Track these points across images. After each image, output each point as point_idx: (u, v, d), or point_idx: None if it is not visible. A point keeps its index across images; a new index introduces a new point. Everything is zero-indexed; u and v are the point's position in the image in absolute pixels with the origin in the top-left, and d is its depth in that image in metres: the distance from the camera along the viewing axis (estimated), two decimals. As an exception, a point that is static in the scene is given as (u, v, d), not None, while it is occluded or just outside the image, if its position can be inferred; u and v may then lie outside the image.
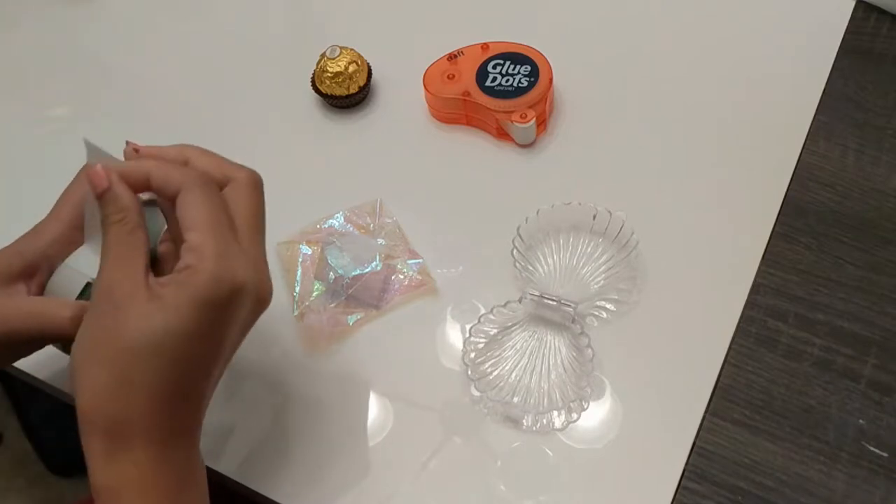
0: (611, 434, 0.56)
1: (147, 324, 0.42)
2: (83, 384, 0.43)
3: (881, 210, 0.63)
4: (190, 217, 0.44)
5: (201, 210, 0.44)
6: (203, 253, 0.43)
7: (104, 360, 0.43)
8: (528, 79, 0.68)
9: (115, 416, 0.42)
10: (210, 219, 0.44)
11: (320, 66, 0.71)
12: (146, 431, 0.43)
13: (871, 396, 0.56)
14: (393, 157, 0.70)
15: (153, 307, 0.42)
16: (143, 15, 0.83)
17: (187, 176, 0.45)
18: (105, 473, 0.43)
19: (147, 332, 0.42)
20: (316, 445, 0.57)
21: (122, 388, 0.42)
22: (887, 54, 0.71)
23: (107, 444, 0.43)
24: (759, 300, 0.60)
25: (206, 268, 0.43)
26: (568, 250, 0.62)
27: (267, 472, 0.56)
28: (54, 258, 0.51)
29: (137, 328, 0.42)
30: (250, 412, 0.58)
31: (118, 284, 0.43)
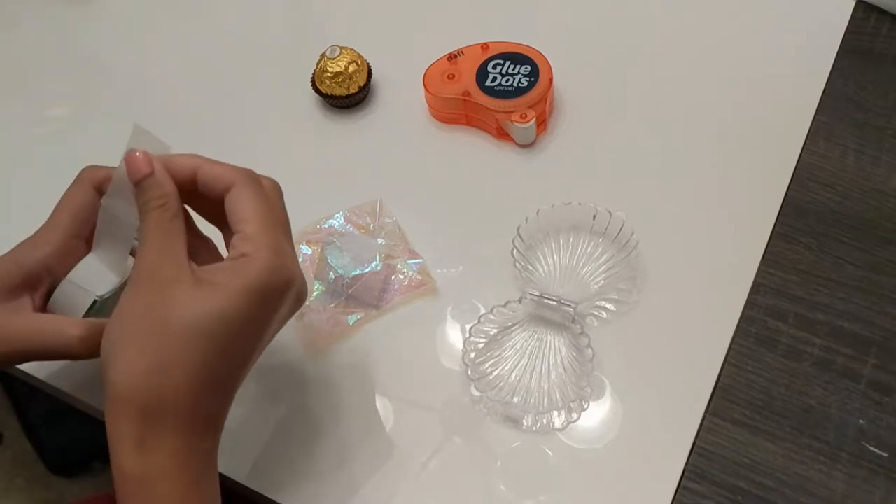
0: (611, 434, 0.56)
1: (197, 307, 0.43)
2: (120, 364, 0.43)
3: (881, 210, 0.63)
4: (245, 209, 0.46)
5: (256, 204, 0.46)
6: (259, 243, 0.45)
7: (146, 341, 0.43)
8: (528, 79, 0.68)
9: (152, 398, 0.42)
10: (264, 213, 0.46)
11: (320, 66, 0.71)
12: (180, 417, 0.43)
13: (871, 396, 0.56)
14: (393, 157, 0.70)
15: (203, 292, 0.43)
16: (143, 15, 0.83)
17: (238, 173, 0.47)
18: (133, 460, 0.43)
19: (197, 314, 0.42)
20: (315, 445, 0.57)
21: (163, 370, 0.42)
22: (887, 54, 0.71)
23: (139, 429, 0.42)
24: (759, 300, 0.60)
25: (263, 257, 0.44)
26: (568, 250, 0.62)
27: (266, 472, 0.56)
28: (55, 269, 0.51)
29: (187, 311, 0.43)
30: (249, 412, 0.58)
31: (162, 267, 0.44)
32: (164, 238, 0.45)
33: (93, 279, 0.51)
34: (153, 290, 0.44)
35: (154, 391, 0.42)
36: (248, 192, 0.46)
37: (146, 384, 0.42)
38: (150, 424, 0.42)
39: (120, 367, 0.43)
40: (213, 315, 0.43)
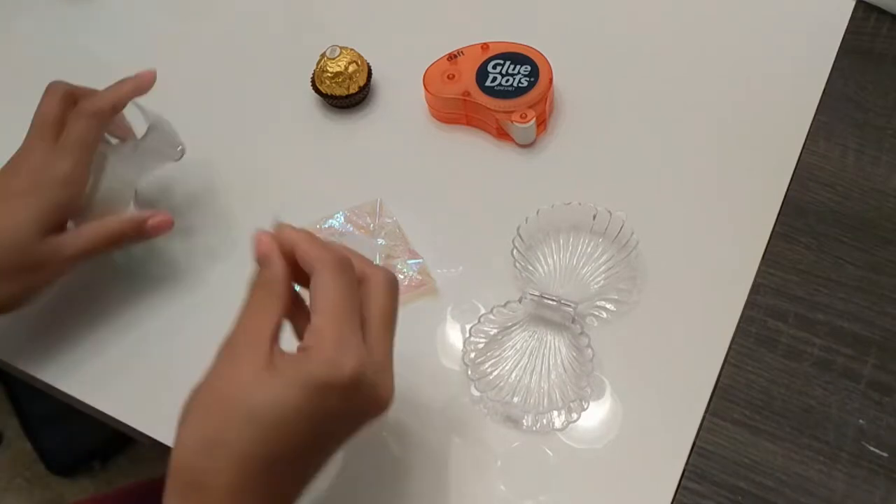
0: (611, 434, 0.56)
1: (257, 392, 0.42)
2: (181, 433, 0.43)
3: (881, 210, 0.63)
4: (318, 299, 0.44)
5: (329, 294, 0.44)
6: (323, 337, 0.43)
7: (206, 414, 0.43)
8: (528, 79, 0.68)
9: (196, 478, 0.42)
10: (336, 304, 0.44)
11: (320, 66, 0.71)
12: (219, 501, 0.42)
13: (871, 396, 0.56)
14: (393, 157, 0.70)
15: (268, 378, 0.43)
16: (143, 15, 0.83)
17: (325, 257, 0.45)
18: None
19: (254, 399, 0.42)
20: (316, 445, 0.57)
21: (210, 450, 0.42)
22: (887, 54, 0.71)
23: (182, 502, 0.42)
24: (759, 300, 0.60)
25: (323, 351, 0.43)
26: (568, 250, 0.62)
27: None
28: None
29: (246, 393, 0.42)
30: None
31: (241, 341, 0.44)
32: (256, 314, 0.45)
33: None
34: (227, 364, 0.44)
35: (199, 472, 0.42)
36: (324, 281, 0.45)
37: (193, 462, 0.42)
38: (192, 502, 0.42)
39: (182, 435, 0.43)
40: (268, 403, 0.42)
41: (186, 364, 0.61)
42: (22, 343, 0.63)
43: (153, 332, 0.63)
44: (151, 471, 1.37)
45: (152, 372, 0.61)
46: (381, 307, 0.47)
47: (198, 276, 0.65)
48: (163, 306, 0.64)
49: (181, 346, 0.62)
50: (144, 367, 0.61)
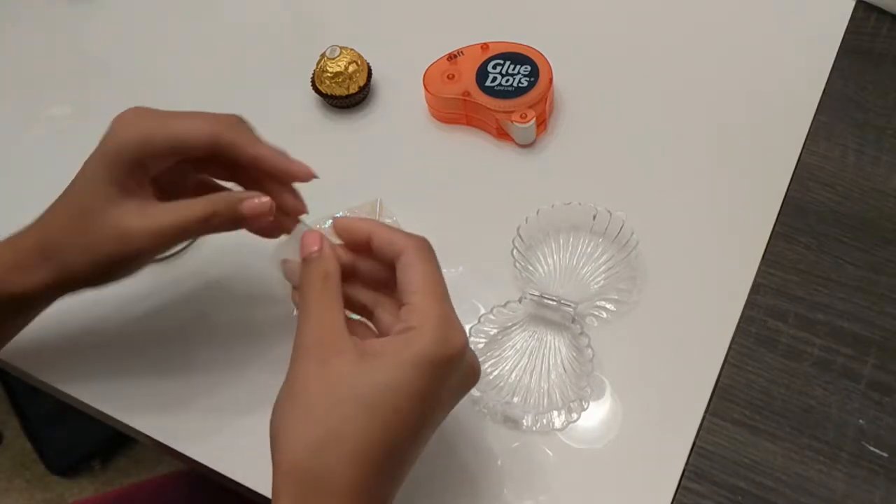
0: (611, 434, 0.56)
1: (365, 379, 0.42)
2: (284, 439, 0.42)
3: (881, 210, 0.63)
4: (414, 280, 0.45)
5: (426, 274, 0.46)
6: (428, 314, 0.44)
7: (312, 415, 0.42)
8: (528, 79, 0.68)
9: (315, 473, 0.41)
10: (434, 283, 0.46)
11: (320, 66, 0.71)
12: (345, 498, 0.41)
13: (871, 396, 0.56)
14: (393, 157, 0.70)
15: (370, 364, 0.43)
16: (143, 15, 0.83)
17: (410, 241, 0.47)
18: None
19: (365, 387, 0.42)
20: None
21: (327, 446, 0.41)
22: (887, 54, 0.71)
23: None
24: (759, 300, 0.60)
25: (432, 328, 0.43)
26: (568, 250, 0.62)
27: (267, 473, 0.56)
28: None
29: (353, 383, 0.42)
30: (251, 413, 0.58)
31: (325, 338, 0.44)
32: (325, 311, 0.45)
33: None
34: (318, 361, 0.43)
35: (317, 470, 0.41)
36: (419, 262, 0.46)
37: (309, 463, 0.41)
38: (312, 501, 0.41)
39: (286, 440, 0.42)
40: (381, 388, 0.42)
41: (187, 364, 0.61)
42: (22, 343, 0.63)
43: (153, 332, 0.63)
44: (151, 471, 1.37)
45: (152, 372, 0.61)
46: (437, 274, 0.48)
47: (199, 276, 0.65)
48: (163, 306, 0.64)
49: (182, 347, 0.62)
50: (144, 367, 0.61)
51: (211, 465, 0.57)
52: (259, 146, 0.52)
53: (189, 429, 0.58)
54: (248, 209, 0.50)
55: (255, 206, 0.50)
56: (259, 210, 0.50)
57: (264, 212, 0.50)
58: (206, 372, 0.60)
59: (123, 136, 0.51)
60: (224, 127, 0.51)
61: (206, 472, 0.57)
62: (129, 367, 0.61)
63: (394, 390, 0.42)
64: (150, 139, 0.51)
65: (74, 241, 0.50)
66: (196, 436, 0.58)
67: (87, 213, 0.50)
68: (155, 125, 0.51)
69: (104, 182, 0.49)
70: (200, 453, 0.57)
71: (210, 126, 0.51)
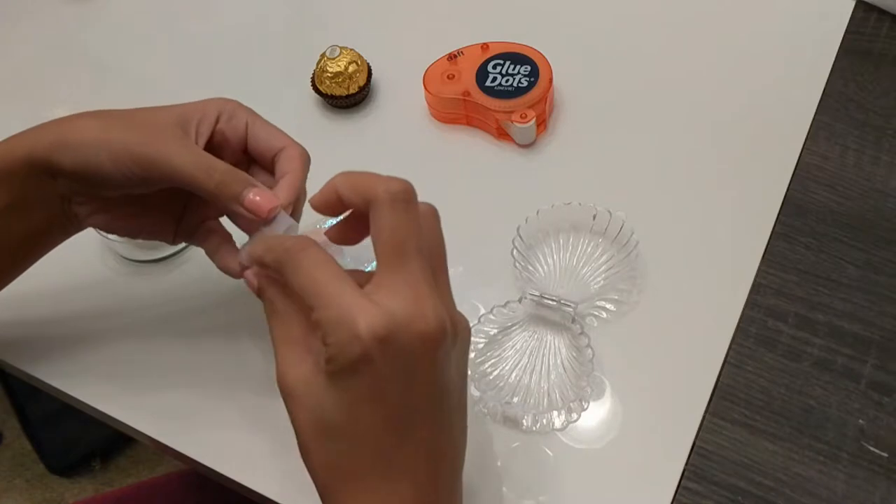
0: (611, 434, 0.56)
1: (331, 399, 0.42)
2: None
3: (881, 210, 0.63)
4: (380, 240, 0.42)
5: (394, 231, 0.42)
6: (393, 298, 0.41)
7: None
8: (528, 79, 0.68)
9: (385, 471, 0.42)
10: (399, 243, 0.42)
11: (320, 66, 0.71)
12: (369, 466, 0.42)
13: (871, 396, 0.56)
14: (393, 157, 0.70)
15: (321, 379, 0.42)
16: (143, 15, 0.83)
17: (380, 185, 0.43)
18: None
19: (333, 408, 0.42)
20: (316, 445, 0.57)
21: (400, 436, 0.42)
22: (887, 54, 0.71)
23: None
24: (759, 300, 0.60)
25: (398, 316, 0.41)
26: (568, 250, 0.62)
27: (267, 473, 0.56)
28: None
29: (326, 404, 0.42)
30: (251, 415, 0.58)
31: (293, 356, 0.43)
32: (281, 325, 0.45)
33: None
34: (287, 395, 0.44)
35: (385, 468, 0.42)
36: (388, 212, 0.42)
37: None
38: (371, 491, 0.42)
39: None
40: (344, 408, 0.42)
41: (187, 364, 0.61)
42: (22, 343, 0.63)
43: (153, 332, 0.63)
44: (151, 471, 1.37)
45: (152, 372, 0.61)
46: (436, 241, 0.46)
47: (199, 276, 0.65)
48: (163, 306, 0.64)
49: (182, 347, 0.62)
50: (144, 367, 0.61)
51: (211, 465, 0.57)
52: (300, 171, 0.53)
53: (189, 429, 0.58)
54: (250, 200, 0.49)
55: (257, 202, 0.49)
56: (258, 207, 0.49)
57: (262, 210, 0.49)
58: (207, 372, 0.60)
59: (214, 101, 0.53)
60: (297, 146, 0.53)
61: (206, 472, 0.57)
62: (128, 367, 0.61)
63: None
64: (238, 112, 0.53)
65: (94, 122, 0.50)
66: (196, 436, 0.58)
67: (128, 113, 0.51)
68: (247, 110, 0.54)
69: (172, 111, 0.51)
70: (200, 453, 0.57)
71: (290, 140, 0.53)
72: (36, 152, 0.49)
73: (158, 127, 0.50)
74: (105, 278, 0.66)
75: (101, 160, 0.48)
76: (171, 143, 0.49)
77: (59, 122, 0.51)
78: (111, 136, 0.49)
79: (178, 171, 0.48)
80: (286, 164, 0.52)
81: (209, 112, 0.52)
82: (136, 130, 0.49)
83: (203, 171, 0.48)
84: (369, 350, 0.39)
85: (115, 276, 0.66)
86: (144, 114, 0.51)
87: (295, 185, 0.51)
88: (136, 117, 0.51)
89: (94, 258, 0.66)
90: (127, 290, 0.65)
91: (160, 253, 0.66)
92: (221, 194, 0.49)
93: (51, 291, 0.64)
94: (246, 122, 0.53)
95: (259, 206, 0.49)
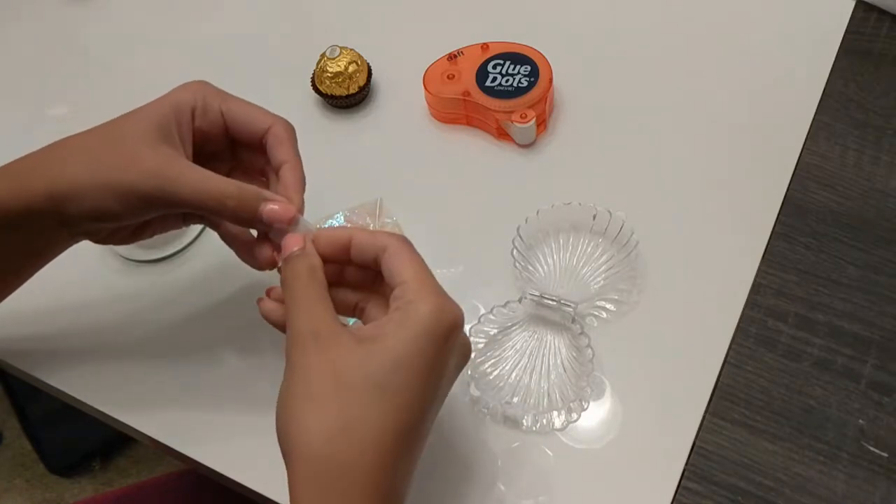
0: (611, 434, 0.56)
1: (371, 361, 0.42)
2: (297, 433, 0.42)
3: (881, 210, 0.63)
4: (404, 264, 0.46)
5: (412, 262, 0.46)
6: (422, 289, 0.44)
7: (323, 405, 0.42)
8: (528, 79, 0.68)
9: (334, 462, 0.41)
10: (423, 267, 0.46)
11: (320, 66, 0.71)
12: (367, 486, 0.41)
13: (871, 396, 0.56)
14: (393, 157, 0.70)
15: (373, 346, 0.43)
16: (143, 15, 0.83)
17: (392, 237, 0.47)
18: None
19: (372, 369, 0.42)
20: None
21: (344, 432, 0.41)
22: (887, 54, 0.71)
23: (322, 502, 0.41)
24: (759, 300, 0.60)
25: (429, 300, 0.44)
26: (568, 250, 0.62)
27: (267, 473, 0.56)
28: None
29: (360, 367, 0.42)
30: (251, 413, 0.58)
31: (320, 327, 0.44)
32: (314, 303, 0.45)
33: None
34: (318, 351, 0.43)
35: (335, 459, 0.41)
36: (405, 252, 0.46)
37: (325, 452, 0.41)
38: (334, 498, 0.41)
39: (298, 435, 0.42)
40: (388, 367, 0.42)
41: (187, 364, 0.61)
42: (22, 343, 0.63)
43: (154, 332, 0.63)
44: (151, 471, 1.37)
45: (152, 372, 0.61)
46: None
47: (199, 276, 0.65)
48: (163, 306, 0.64)
49: (182, 347, 0.62)
50: (144, 367, 0.61)
51: (211, 465, 0.57)
52: (296, 156, 0.53)
53: (189, 429, 0.58)
54: (268, 212, 0.49)
55: (275, 212, 0.49)
56: (278, 217, 0.49)
57: (282, 220, 0.49)
58: (207, 372, 0.60)
59: (187, 90, 0.51)
60: (281, 122, 0.53)
61: (206, 472, 0.57)
62: (128, 367, 0.61)
63: (402, 367, 0.42)
64: (210, 101, 0.51)
65: (86, 158, 0.48)
66: (196, 436, 0.58)
67: (116, 139, 0.49)
68: (218, 94, 0.52)
69: (149, 121, 0.49)
70: (200, 453, 0.57)
71: (271, 117, 0.53)
72: (35, 205, 0.48)
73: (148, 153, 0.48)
74: (105, 278, 0.66)
75: (108, 204, 0.48)
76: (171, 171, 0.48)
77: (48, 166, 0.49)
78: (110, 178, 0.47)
79: (188, 203, 0.48)
80: (279, 152, 0.52)
81: (183, 112, 0.51)
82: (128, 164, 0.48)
83: (215, 201, 0.48)
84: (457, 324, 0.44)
85: (115, 276, 0.66)
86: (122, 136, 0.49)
87: (298, 178, 0.52)
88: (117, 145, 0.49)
89: (94, 258, 0.66)
90: (127, 290, 0.65)
91: (160, 253, 0.66)
92: (239, 218, 0.49)
93: (51, 292, 0.64)
94: (220, 111, 0.52)
95: (279, 216, 0.49)
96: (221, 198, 0.48)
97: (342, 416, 0.41)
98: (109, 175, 0.47)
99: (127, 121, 0.50)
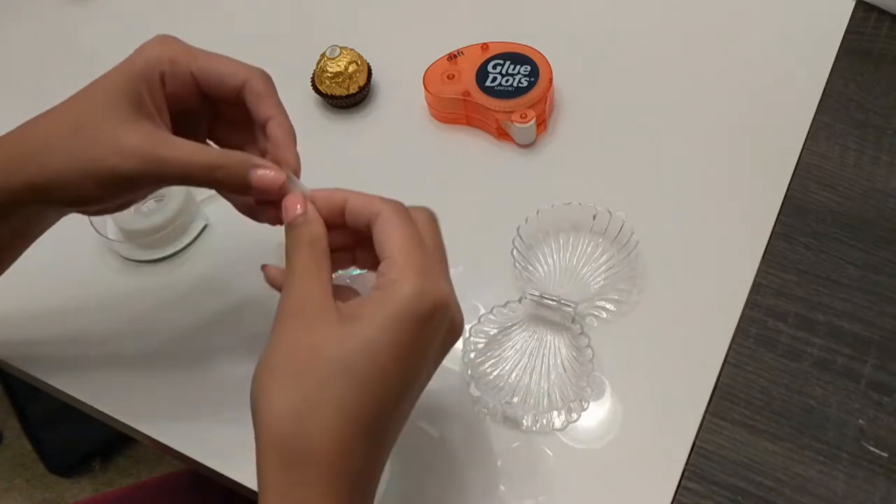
0: (611, 434, 0.56)
1: (344, 342, 0.41)
2: (265, 407, 0.42)
3: (881, 210, 0.63)
4: (393, 236, 0.44)
5: (403, 231, 0.44)
6: (406, 266, 0.43)
7: (292, 381, 0.41)
8: (528, 79, 0.68)
9: (296, 441, 0.40)
10: (410, 238, 0.44)
11: (320, 66, 0.71)
12: (328, 466, 0.40)
13: (871, 396, 0.56)
14: (393, 157, 0.70)
15: (350, 327, 0.42)
16: (143, 14, 0.83)
17: (386, 202, 0.46)
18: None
19: (343, 351, 0.41)
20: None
21: (307, 413, 0.40)
22: (887, 54, 0.71)
23: (283, 480, 0.40)
24: (759, 300, 0.60)
25: (410, 279, 0.42)
26: (568, 250, 0.62)
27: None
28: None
29: (332, 348, 0.41)
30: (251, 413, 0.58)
31: (308, 303, 0.43)
32: (311, 279, 0.44)
33: None
34: (299, 326, 0.42)
35: (297, 438, 0.40)
36: (396, 221, 0.45)
37: (289, 430, 0.41)
38: (295, 471, 0.40)
39: (267, 408, 0.41)
40: (359, 348, 0.41)
41: (187, 364, 0.61)
42: (22, 343, 0.63)
43: (154, 332, 0.63)
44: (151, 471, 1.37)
45: (152, 372, 0.61)
46: (433, 239, 0.47)
47: (199, 276, 0.65)
48: (163, 306, 0.64)
49: (182, 347, 0.62)
50: (144, 367, 0.61)
51: (211, 465, 0.57)
52: (279, 108, 0.50)
53: (189, 429, 0.58)
54: (257, 179, 0.47)
55: (265, 178, 0.47)
56: (267, 184, 0.47)
57: (272, 188, 0.47)
58: (207, 372, 0.60)
59: (151, 54, 0.49)
60: (257, 76, 0.50)
61: (206, 472, 0.57)
62: (128, 367, 0.61)
63: (373, 349, 0.41)
64: (177, 62, 0.49)
65: (63, 145, 0.46)
66: (196, 436, 0.58)
67: (90, 120, 0.47)
68: (185, 52, 0.49)
69: (119, 94, 0.47)
70: (200, 453, 0.57)
71: (245, 70, 0.50)
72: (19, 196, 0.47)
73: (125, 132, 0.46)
74: (105, 278, 0.66)
75: (91, 191, 0.46)
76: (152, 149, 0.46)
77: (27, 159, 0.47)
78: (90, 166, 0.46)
79: (174, 179, 0.47)
80: (260, 108, 0.50)
81: (152, 79, 0.48)
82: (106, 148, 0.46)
83: (203, 173, 0.47)
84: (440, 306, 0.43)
85: (115, 276, 0.66)
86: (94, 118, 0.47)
87: (287, 132, 0.50)
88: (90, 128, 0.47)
89: (94, 258, 0.66)
90: (127, 290, 0.65)
91: (160, 253, 0.66)
92: (227, 186, 0.47)
93: (51, 291, 0.64)
94: (190, 72, 0.49)
95: (270, 182, 0.47)
96: (209, 169, 0.46)
97: (311, 394, 0.41)
98: (88, 164, 0.46)
99: (93, 96, 0.48)
